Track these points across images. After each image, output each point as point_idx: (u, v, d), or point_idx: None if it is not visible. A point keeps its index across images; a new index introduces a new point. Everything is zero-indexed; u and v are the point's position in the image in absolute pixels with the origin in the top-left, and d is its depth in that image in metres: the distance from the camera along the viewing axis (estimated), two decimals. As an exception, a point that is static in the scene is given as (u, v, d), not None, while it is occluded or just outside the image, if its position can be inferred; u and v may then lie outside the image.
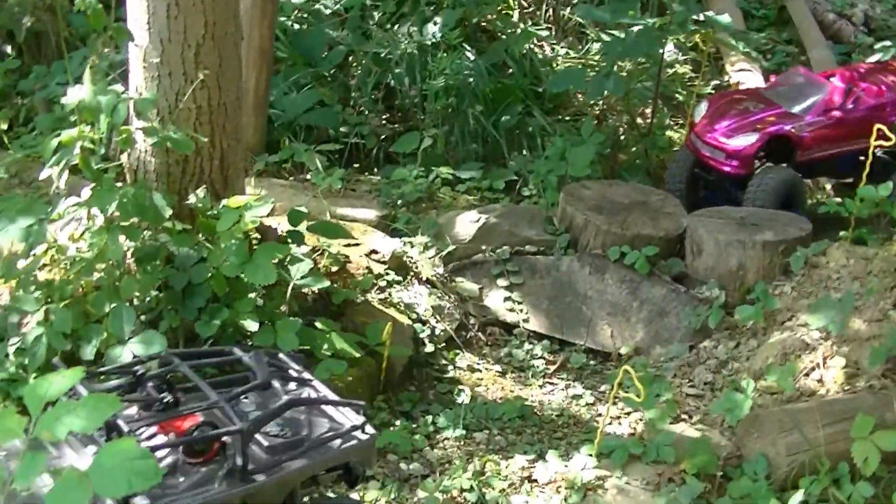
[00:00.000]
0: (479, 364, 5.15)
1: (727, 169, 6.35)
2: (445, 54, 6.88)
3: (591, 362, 5.29)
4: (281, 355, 3.19)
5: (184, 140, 4.24)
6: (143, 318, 4.23)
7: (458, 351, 5.17)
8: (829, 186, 7.00)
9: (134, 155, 4.49)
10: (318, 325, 4.52)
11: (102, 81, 4.13)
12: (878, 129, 5.46)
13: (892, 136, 5.42)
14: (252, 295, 4.35)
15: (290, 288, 4.42)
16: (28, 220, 4.07)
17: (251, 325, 4.22)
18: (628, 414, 4.78)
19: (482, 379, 5.05)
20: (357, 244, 5.24)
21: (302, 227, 4.79)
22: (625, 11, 6.59)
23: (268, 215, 5.20)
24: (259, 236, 4.65)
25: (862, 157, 5.78)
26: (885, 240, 5.80)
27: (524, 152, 6.77)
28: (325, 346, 4.43)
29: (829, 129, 6.43)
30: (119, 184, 4.33)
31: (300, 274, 4.42)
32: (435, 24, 7.07)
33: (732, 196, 6.35)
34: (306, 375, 3.14)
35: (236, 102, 4.62)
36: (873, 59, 8.11)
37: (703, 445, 4.23)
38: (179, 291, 4.27)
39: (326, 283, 4.50)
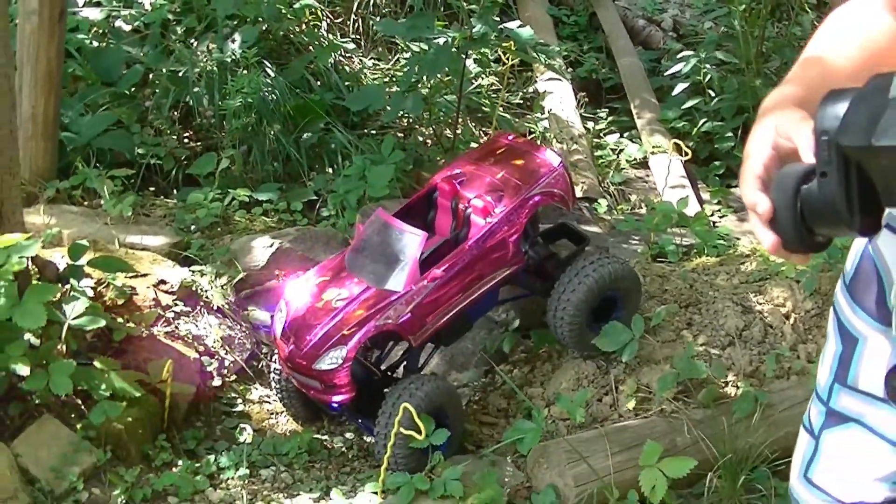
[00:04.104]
0: (270, 396, 4.98)
1: (333, 401, 4.49)
2: (245, 72, 6.70)
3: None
4: None
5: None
6: None
7: (248, 384, 5.01)
8: (634, 198, 7.00)
9: None
10: (97, 364, 4.36)
11: None
12: None
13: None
14: (27, 337, 4.18)
15: (65, 328, 4.26)
16: None
17: (22, 370, 4.03)
18: (421, 446, 4.69)
19: (273, 412, 4.91)
20: (145, 275, 5.08)
21: (84, 260, 4.64)
22: (421, 28, 6.47)
23: (54, 246, 5.05)
24: (38, 272, 4.49)
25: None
26: (685, 254, 5.85)
27: (327, 170, 6.64)
28: (104, 387, 4.27)
29: (439, 290, 4.56)
30: None
31: (75, 314, 4.26)
32: (233, 41, 6.88)
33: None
34: None
35: (10, 135, 4.45)
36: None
37: (490, 479, 4.15)
38: (-54, 337, 4.06)
39: (102, 323, 4.34)
